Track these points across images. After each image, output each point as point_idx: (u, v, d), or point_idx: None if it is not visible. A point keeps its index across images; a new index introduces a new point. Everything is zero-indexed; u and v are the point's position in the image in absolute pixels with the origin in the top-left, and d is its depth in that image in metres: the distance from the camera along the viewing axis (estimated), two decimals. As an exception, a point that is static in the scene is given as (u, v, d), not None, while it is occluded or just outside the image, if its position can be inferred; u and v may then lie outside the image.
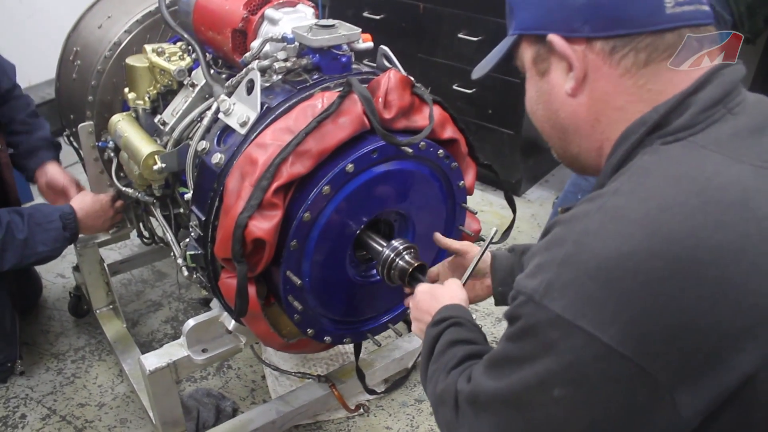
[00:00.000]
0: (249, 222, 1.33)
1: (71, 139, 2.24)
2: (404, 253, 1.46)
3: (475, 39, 3.17)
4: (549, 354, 0.78)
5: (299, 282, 1.40)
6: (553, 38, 0.87)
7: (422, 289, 1.32)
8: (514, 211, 1.82)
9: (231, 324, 1.68)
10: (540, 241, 0.87)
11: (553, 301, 0.76)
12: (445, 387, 1.00)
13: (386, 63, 1.66)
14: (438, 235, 1.54)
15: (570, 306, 0.75)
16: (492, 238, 1.45)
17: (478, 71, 1.06)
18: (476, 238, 1.83)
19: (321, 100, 1.40)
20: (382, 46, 1.64)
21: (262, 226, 1.34)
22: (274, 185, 1.33)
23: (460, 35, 3.21)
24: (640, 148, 0.84)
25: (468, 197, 1.70)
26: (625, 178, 0.81)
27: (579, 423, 0.79)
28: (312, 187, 1.37)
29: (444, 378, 1.02)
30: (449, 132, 1.59)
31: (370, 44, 1.57)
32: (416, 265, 1.44)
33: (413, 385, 2.28)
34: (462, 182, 1.65)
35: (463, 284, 1.33)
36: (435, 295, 1.27)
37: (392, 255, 1.46)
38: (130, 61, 1.83)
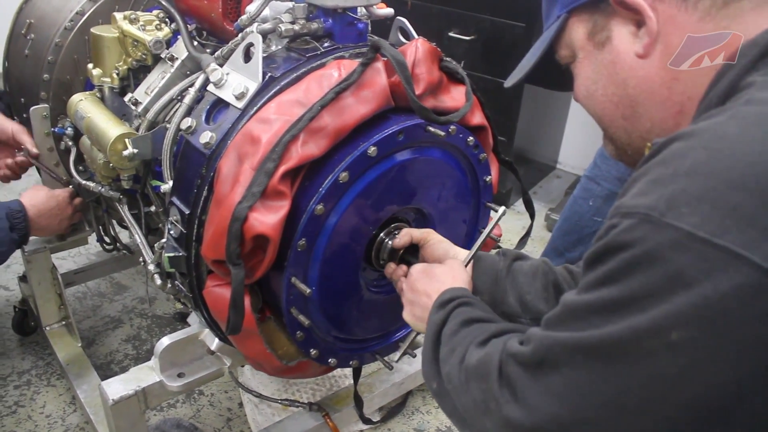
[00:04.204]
0: (249, 214, 1.06)
1: (21, 128, 1.94)
2: (395, 231, 1.27)
3: (467, 38, 2.98)
4: (673, 287, 0.59)
5: (308, 291, 1.14)
6: None
7: (418, 268, 1.14)
8: (532, 216, 1.60)
9: (214, 343, 1.41)
10: (643, 166, 0.68)
11: (681, 217, 0.59)
12: (482, 357, 0.80)
13: (402, 39, 1.42)
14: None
15: (706, 221, 0.58)
16: (501, 215, 1.28)
17: (515, 76, 0.96)
18: (495, 244, 1.61)
19: (338, 69, 1.15)
20: (399, 18, 1.40)
21: (266, 219, 1.08)
22: (282, 169, 1.07)
23: (451, 34, 3.02)
24: (753, 70, 0.71)
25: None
26: (753, 90, 0.67)
27: (696, 380, 0.60)
28: (326, 173, 1.12)
29: (477, 349, 0.83)
30: (478, 118, 1.37)
31: (389, 11, 1.34)
32: (407, 246, 1.25)
33: (410, 413, 2.03)
34: (489, 177, 1.42)
35: (465, 266, 1.16)
36: (434, 275, 1.10)
37: (381, 234, 1.26)
38: (97, 30, 1.55)
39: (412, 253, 1.25)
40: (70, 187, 1.75)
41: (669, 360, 0.60)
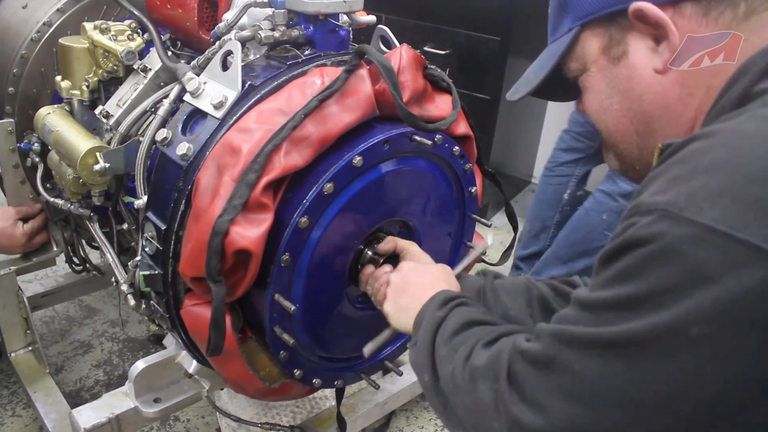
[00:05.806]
0: (230, 228, 1.01)
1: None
2: (374, 242, 1.24)
3: (442, 52, 2.97)
4: (693, 282, 0.58)
5: (292, 308, 1.09)
6: (643, 5, 0.75)
7: (411, 263, 1.13)
8: (515, 228, 1.57)
9: (192, 366, 1.34)
10: (659, 166, 0.67)
11: (701, 212, 0.58)
12: (492, 355, 0.78)
13: (383, 48, 1.39)
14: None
15: (726, 215, 0.57)
16: (488, 246, 1.31)
17: (521, 90, 0.94)
18: (481, 258, 1.58)
19: (321, 77, 1.11)
20: (380, 26, 1.38)
21: (248, 233, 1.02)
22: (264, 180, 1.03)
23: (426, 48, 3.00)
24: (765, 77, 0.70)
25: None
26: None
27: (716, 377, 0.59)
28: (310, 185, 1.08)
29: (484, 349, 0.82)
30: (463, 127, 1.34)
31: (372, 18, 1.31)
32: (389, 253, 1.22)
33: (394, 433, 1.97)
34: (474, 188, 1.39)
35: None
36: (428, 270, 1.10)
37: (364, 248, 1.24)
38: (65, 41, 1.49)
39: (392, 262, 1.22)
40: (35, 223, 1.69)
41: (689, 356, 0.59)
